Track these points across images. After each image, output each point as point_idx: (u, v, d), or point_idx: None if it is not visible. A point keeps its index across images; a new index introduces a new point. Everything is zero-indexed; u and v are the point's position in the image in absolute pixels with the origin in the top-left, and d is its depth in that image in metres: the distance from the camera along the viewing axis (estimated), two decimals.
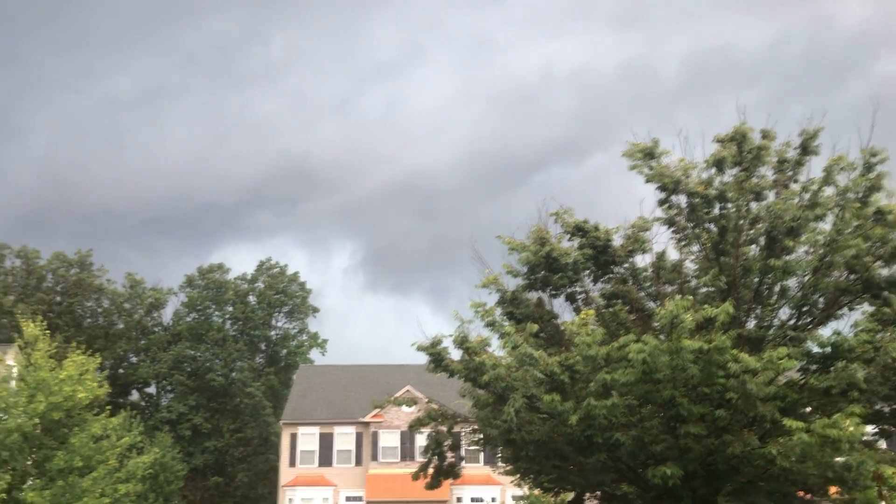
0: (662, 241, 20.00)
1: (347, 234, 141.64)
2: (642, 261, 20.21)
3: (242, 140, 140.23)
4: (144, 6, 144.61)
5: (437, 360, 19.33)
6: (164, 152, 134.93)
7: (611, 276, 20.17)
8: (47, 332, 30.71)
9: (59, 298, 68.40)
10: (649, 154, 19.12)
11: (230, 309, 71.68)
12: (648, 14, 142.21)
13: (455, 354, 19.54)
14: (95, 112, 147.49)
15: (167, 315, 72.53)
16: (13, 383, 29.92)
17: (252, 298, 73.03)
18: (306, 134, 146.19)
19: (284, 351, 74.23)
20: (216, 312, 71.36)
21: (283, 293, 73.47)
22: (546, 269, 19.26)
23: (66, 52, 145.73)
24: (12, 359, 37.42)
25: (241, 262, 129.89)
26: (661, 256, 20.12)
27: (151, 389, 71.63)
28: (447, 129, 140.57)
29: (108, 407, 32.52)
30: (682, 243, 19.79)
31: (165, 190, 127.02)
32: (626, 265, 20.10)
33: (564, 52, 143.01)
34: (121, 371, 68.14)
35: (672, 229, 19.68)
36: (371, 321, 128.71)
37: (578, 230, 19.57)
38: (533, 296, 20.02)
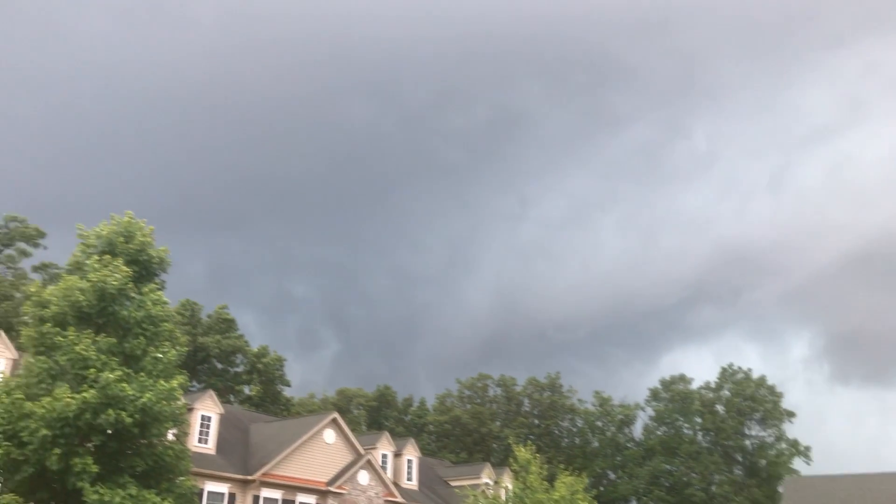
0: None
1: (802, 320, 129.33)
2: None
3: (675, 236, 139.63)
4: (568, 130, 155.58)
5: None
6: (600, 261, 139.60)
7: None
8: (537, 455, 32.88)
9: (536, 421, 73.35)
10: None
11: (699, 420, 69.87)
12: None
13: None
14: (533, 235, 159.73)
15: (637, 430, 73.27)
16: None
17: (720, 407, 70.43)
18: (740, 219, 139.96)
19: (763, 461, 69.52)
20: (685, 424, 70.10)
21: (751, 399, 69.64)
22: None
23: (505, 187, 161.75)
24: (509, 481, 40.59)
25: (691, 364, 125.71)
26: None
27: None
28: None
29: None
30: None
31: (605, 298, 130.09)
32: None
33: None
34: (601, 489, 69.77)
35: None
36: (847, 419, 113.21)
37: None
38: None
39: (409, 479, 47.23)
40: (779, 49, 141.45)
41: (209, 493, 34.79)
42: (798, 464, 67.87)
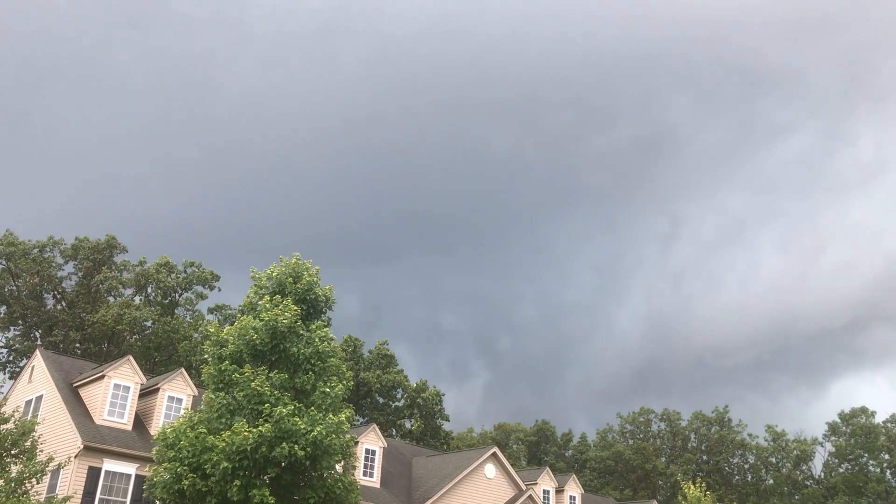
0: None
1: None
2: None
3: (841, 251, 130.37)
4: (719, 144, 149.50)
5: None
6: (759, 281, 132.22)
7: None
8: (708, 493, 31.40)
9: (704, 457, 70.16)
10: None
11: (886, 457, 64.50)
12: None
13: None
14: (686, 257, 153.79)
15: (816, 467, 68.52)
16: None
17: None
18: None
19: None
20: (871, 461, 64.89)
21: None
22: None
23: (654, 208, 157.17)
24: None
25: (865, 391, 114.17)
26: None
27: None
28: None
29: None
30: None
31: (766, 321, 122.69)
32: None
33: None
34: None
35: None
36: None
37: None
38: None
39: None
40: None
41: None
42: None
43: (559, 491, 46.35)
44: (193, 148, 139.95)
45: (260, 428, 20.48)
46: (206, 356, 23.26)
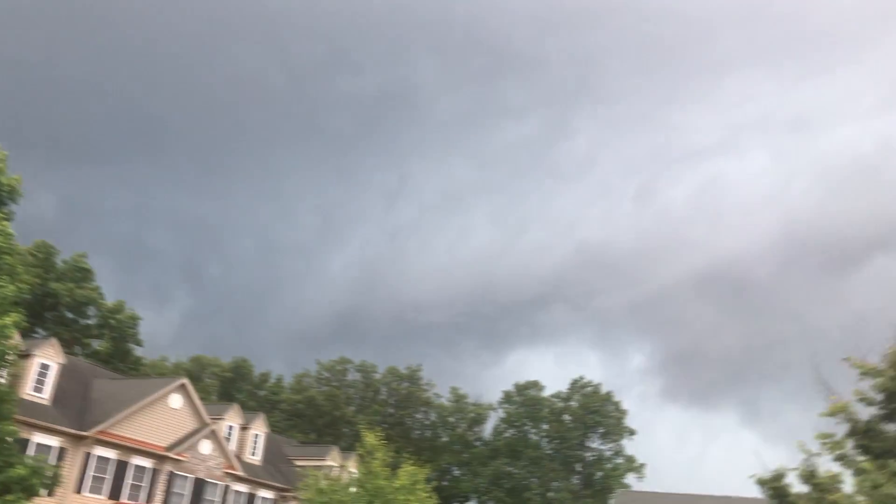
0: None
1: (646, 332, 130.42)
2: None
3: (542, 233, 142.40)
4: (457, 114, 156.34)
5: (780, 495, 17.54)
6: (467, 249, 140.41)
7: None
8: (384, 442, 33.06)
9: (391, 410, 73.71)
10: None
11: (546, 427, 72.10)
12: None
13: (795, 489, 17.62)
14: (408, 215, 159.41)
15: (488, 430, 74.78)
16: (353, 490, 32.33)
17: (567, 417, 72.94)
18: (605, 224, 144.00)
19: (600, 474, 72.53)
20: (533, 430, 72.18)
21: (597, 413, 72.52)
22: None
23: (387, 162, 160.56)
24: (354, 466, 40.64)
25: (534, 364, 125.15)
26: None
27: None
28: (762, 211, 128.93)
29: None
30: None
31: (466, 286, 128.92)
32: None
33: None
34: (444, 483, 70.86)
35: None
36: (672, 435, 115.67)
37: None
38: (892, 428, 17.59)
39: (254, 455, 46.55)
40: (669, 68, 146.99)
41: (37, 444, 33.07)
42: (631, 478, 71.22)
43: (244, 428, 46.36)
44: None
45: None
46: None
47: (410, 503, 30.01)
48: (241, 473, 42.89)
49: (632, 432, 73.18)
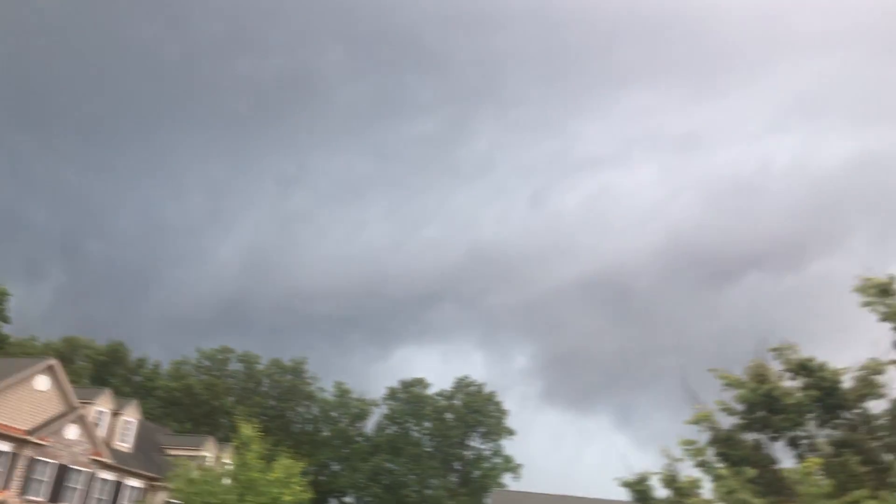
0: None
1: (531, 334, 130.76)
2: (876, 407, 18.24)
3: (437, 230, 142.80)
4: (361, 105, 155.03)
5: (643, 498, 18.24)
6: (362, 241, 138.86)
7: (839, 421, 18.34)
8: (261, 434, 32.50)
9: (273, 402, 72.50)
10: (885, 290, 17.56)
11: (428, 425, 72.53)
12: (889, 110, 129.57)
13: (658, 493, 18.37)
14: (304, 203, 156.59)
15: (370, 426, 74.55)
16: (226, 482, 31.65)
17: (449, 416, 73.59)
18: (499, 226, 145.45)
19: (478, 472, 73.53)
20: (415, 427, 72.45)
21: (479, 412, 73.49)
22: (766, 409, 17.87)
23: (285, 148, 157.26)
24: (229, 457, 39.77)
25: (420, 361, 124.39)
26: None
27: (350, 499, 73.07)
28: (649, 223, 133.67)
29: None
30: None
31: (358, 279, 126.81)
32: (857, 410, 18.23)
33: (782, 149, 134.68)
34: (322, 478, 70.27)
35: None
36: (549, 437, 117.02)
37: (802, 368, 18.10)
38: (750, 437, 18.57)
39: (124, 442, 44.90)
40: (570, 77, 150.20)
41: None
42: (507, 478, 72.53)
43: (116, 414, 44.65)
44: None
45: None
46: None
47: (284, 496, 29.60)
48: (108, 461, 41.28)
49: (511, 432, 74.54)
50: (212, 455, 47.53)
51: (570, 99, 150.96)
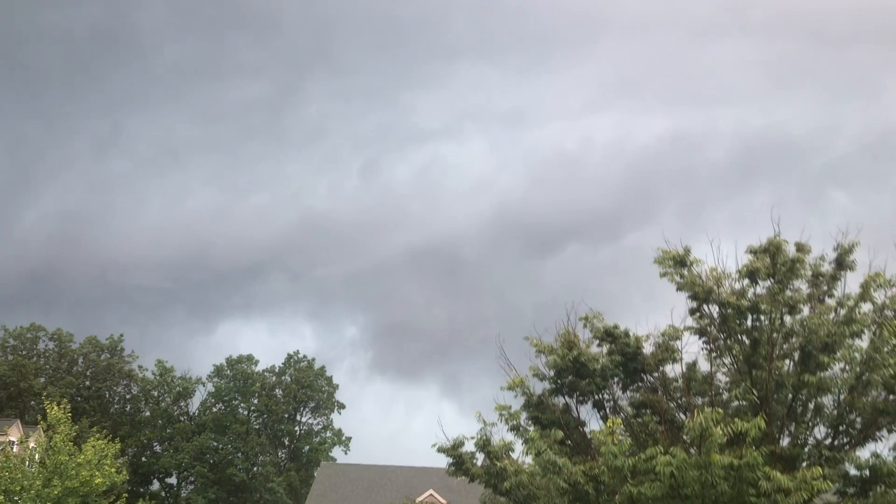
0: (693, 350, 19.57)
1: (362, 305, 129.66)
2: (672, 370, 19.75)
3: (266, 198, 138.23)
4: (185, 65, 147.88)
5: (459, 463, 18.83)
6: (185, 209, 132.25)
7: (640, 384, 19.70)
8: (69, 414, 30.72)
9: (88, 383, 68.67)
10: (681, 262, 18.95)
11: (255, 402, 71.26)
12: (699, 93, 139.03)
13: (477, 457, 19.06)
14: (121, 167, 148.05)
15: (194, 404, 72.29)
16: (33, 466, 29.75)
17: (279, 392, 72.62)
18: (331, 195, 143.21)
19: (307, 447, 73.17)
20: (241, 404, 70.98)
21: (309, 387, 73.00)
22: (574, 375, 18.87)
23: (100, 108, 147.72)
24: (34, 441, 37.32)
25: (246, 334, 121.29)
26: (691, 367, 19.65)
27: (173, 480, 70.70)
28: (477, 195, 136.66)
29: (126, 495, 32.12)
30: (714, 354, 19.34)
31: (182, 248, 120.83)
32: (655, 374, 19.64)
33: (603, 127, 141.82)
34: (143, 459, 67.50)
35: (703, 339, 19.28)
36: (379, 407, 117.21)
37: (608, 335, 19.26)
38: (559, 401, 19.58)
39: None
40: (403, 48, 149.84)
41: None
42: (337, 451, 72.79)
43: None
44: None
45: None
46: None
47: (95, 479, 28.16)
48: None
49: (341, 406, 74.67)
50: (17, 440, 44.44)
51: (403, 69, 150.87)
